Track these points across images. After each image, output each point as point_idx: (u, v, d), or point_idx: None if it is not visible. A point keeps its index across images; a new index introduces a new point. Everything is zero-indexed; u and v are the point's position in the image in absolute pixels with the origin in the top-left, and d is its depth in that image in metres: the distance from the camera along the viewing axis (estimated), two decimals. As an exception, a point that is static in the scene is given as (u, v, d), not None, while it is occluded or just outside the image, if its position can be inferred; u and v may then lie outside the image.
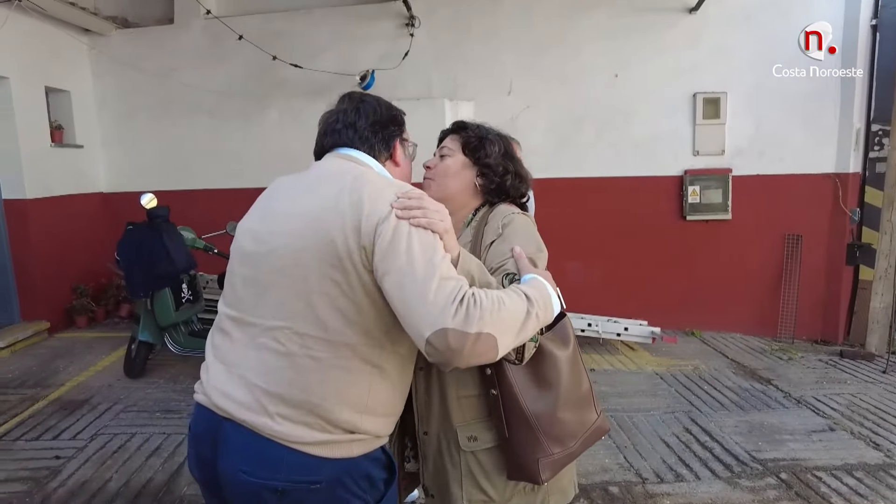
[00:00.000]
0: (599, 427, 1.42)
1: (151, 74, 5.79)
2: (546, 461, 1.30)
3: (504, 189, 1.54)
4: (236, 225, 3.98)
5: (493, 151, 1.54)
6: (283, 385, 1.16)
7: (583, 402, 1.38)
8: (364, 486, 1.22)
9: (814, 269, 5.09)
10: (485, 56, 5.33)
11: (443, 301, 1.06)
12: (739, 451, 3.16)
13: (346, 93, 1.47)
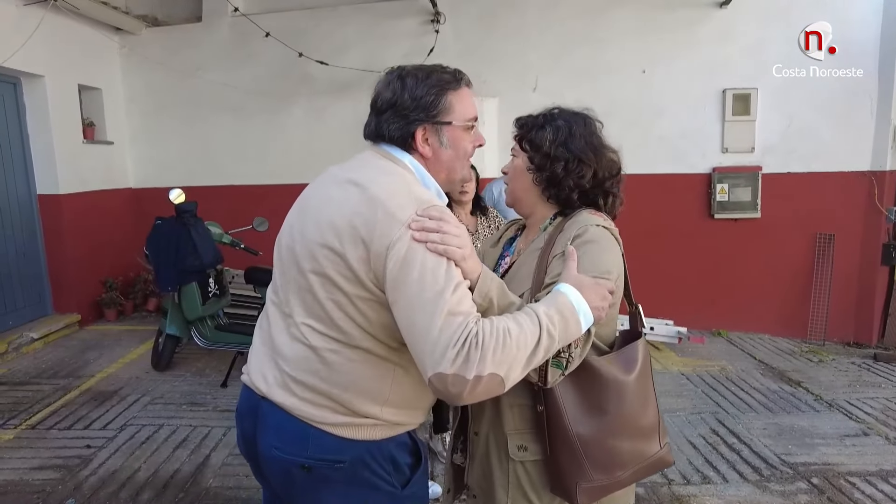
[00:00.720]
0: (661, 459, 1.32)
1: (179, 72, 5.88)
2: (586, 486, 1.23)
3: (555, 180, 1.33)
4: (263, 220, 4.02)
5: (545, 139, 1.34)
6: (308, 374, 1.19)
7: (645, 432, 1.28)
8: (388, 469, 1.23)
9: (846, 269, 4.96)
10: (510, 52, 5.30)
11: (444, 342, 1.02)
12: (769, 454, 3.09)
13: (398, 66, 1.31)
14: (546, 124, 1.37)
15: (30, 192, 5.12)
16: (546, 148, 1.34)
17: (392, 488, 1.24)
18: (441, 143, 1.27)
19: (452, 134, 1.27)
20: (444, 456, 2.98)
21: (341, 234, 1.14)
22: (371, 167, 1.25)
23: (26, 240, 5.11)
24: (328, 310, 1.16)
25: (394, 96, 1.24)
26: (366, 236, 1.11)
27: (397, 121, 1.24)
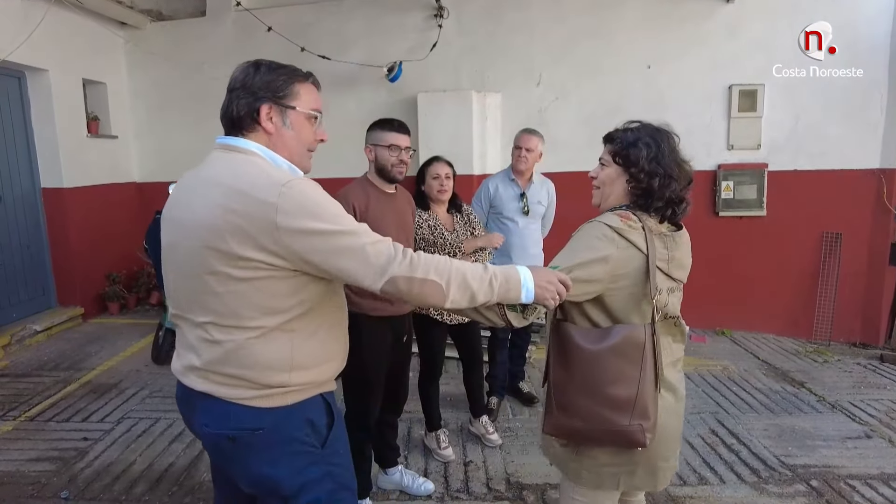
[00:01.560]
0: (628, 436, 1.46)
1: (184, 67, 5.88)
2: (550, 418, 1.54)
3: (651, 192, 1.54)
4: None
5: (640, 157, 1.54)
6: (218, 365, 1.33)
7: (609, 401, 1.46)
8: (307, 431, 1.39)
9: (853, 268, 4.88)
10: (514, 47, 5.25)
11: (385, 258, 1.29)
12: (768, 455, 3.05)
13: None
14: (637, 141, 1.55)
15: (34, 186, 5.16)
16: (643, 164, 1.53)
17: (312, 448, 1.40)
18: (284, 123, 1.39)
19: (296, 119, 1.40)
20: (437, 453, 2.97)
21: (222, 232, 1.25)
22: (223, 164, 1.35)
23: (30, 233, 5.14)
24: (227, 302, 1.29)
25: (246, 77, 1.39)
26: (248, 227, 1.24)
27: (246, 97, 1.37)
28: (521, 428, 3.36)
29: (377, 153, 2.35)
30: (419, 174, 2.91)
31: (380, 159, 2.35)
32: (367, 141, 2.36)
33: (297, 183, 1.27)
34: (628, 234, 1.49)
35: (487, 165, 5.26)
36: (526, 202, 3.46)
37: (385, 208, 2.36)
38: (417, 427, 3.27)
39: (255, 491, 1.42)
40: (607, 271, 1.48)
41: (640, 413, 1.45)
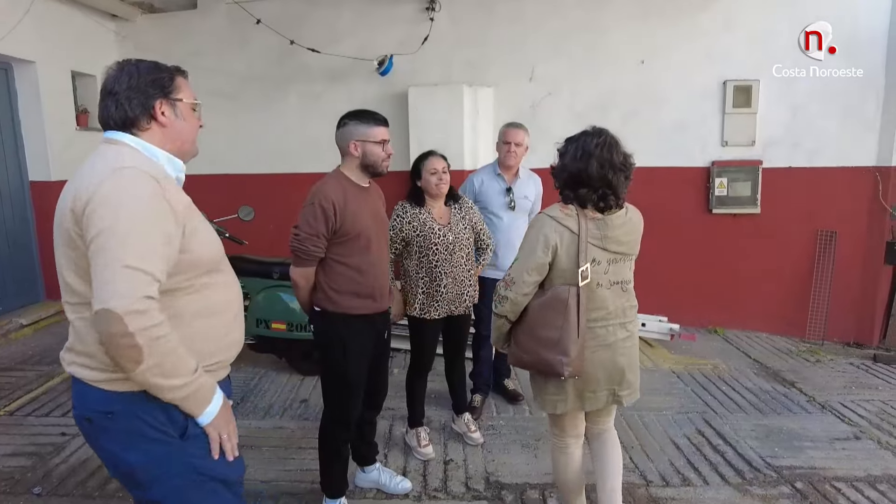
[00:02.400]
0: (552, 365, 1.95)
1: (175, 59, 5.58)
2: (510, 351, 2.12)
3: (565, 184, 2.03)
4: (248, 209, 3.97)
5: (565, 155, 2.04)
6: (75, 343, 1.40)
7: (540, 340, 1.97)
8: (161, 420, 1.37)
9: (848, 267, 4.82)
10: (506, 41, 5.19)
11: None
12: (753, 456, 3.01)
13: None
14: (569, 143, 2.06)
15: (21, 179, 5.12)
16: (562, 162, 2.05)
17: (169, 438, 1.38)
18: (175, 115, 1.49)
19: (184, 109, 1.51)
20: (417, 451, 2.94)
21: (67, 212, 1.33)
22: (89, 161, 1.43)
23: (18, 227, 5.11)
24: (70, 281, 1.37)
25: (130, 79, 1.46)
26: (76, 208, 1.30)
27: (137, 97, 1.45)
28: (505, 426, 3.31)
29: (365, 149, 2.27)
30: (413, 170, 2.87)
31: (369, 155, 2.28)
32: (351, 136, 2.26)
33: (126, 173, 1.32)
34: (563, 221, 1.95)
35: (479, 160, 5.20)
36: (512, 197, 3.40)
37: (361, 203, 2.32)
38: (399, 424, 3.23)
39: (116, 476, 1.48)
40: (548, 251, 1.94)
41: (561, 350, 1.92)
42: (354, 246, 2.28)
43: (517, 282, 1.96)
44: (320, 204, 2.18)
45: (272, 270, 3.78)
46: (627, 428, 3.28)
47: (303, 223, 2.20)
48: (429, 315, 2.82)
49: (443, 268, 2.80)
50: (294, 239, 2.21)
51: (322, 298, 2.30)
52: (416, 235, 2.77)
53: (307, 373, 3.95)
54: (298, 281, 2.29)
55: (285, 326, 3.71)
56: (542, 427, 3.26)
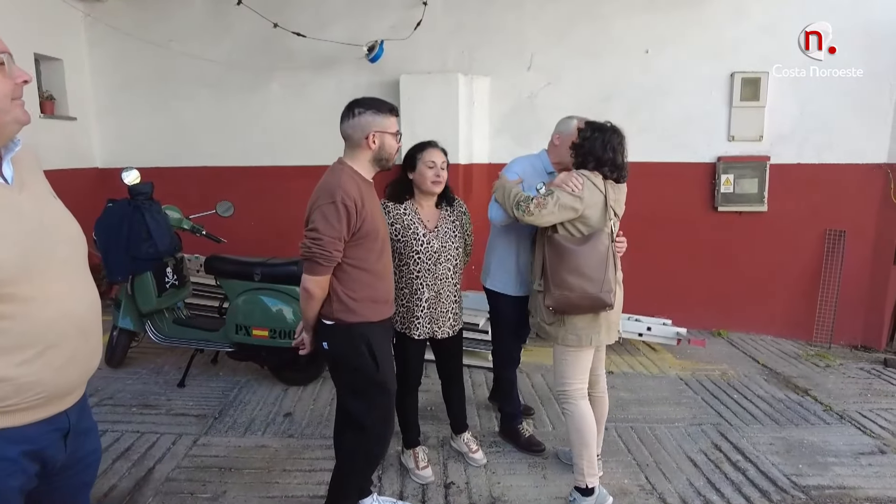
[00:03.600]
0: (600, 299, 2.29)
1: (151, 43, 5.45)
2: (549, 296, 2.34)
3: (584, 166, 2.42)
4: (227, 204, 3.65)
5: (582, 136, 2.43)
6: None
7: (585, 276, 2.28)
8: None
9: (857, 267, 4.65)
10: (504, 28, 4.91)
11: None
12: (777, 474, 2.79)
13: None
14: (588, 128, 2.42)
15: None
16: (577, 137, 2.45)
17: None
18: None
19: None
20: (415, 474, 2.67)
21: None
22: None
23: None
24: None
25: None
26: None
27: None
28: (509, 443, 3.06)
29: (384, 141, 2.03)
30: (407, 160, 2.55)
31: (386, 148, 2.05)
32: (369, 127, 1.99)
33: None
34: (595, 181, 2.34)
35: (474, 154, 4.93)
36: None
37: (373, 200, 2.07)
38: (394, 443, 2.95)
39: None
40: (580, 202, 2.31)
41: (606, 286, 2.28)
42: (372, 248, 2.05)
43: (548, 207, 2.28)
44: (343, 202, 1.91)
45: (253, 272, 3.47)
46: (640, 443, 3.05)
47: (322, 224, 1.91)
48: (409, 332, 2.53)
49: (424, 279, 2.50)
50: (313, 243, 1.92)
51: (339, 310, 2.02)
52: (396, 239, 2.47)
53: (292, 382, 3.65)
54: (314, 291, 1.99)
55: (267, 333, 3.41)
56: (548, 443, 3.01)
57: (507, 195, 2.45)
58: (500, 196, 2.51)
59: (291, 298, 3.44)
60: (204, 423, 3.19)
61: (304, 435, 3.09)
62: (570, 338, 2.38)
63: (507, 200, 2.44)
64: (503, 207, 2.49)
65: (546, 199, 2.29)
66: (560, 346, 2.44)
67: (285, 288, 3.45)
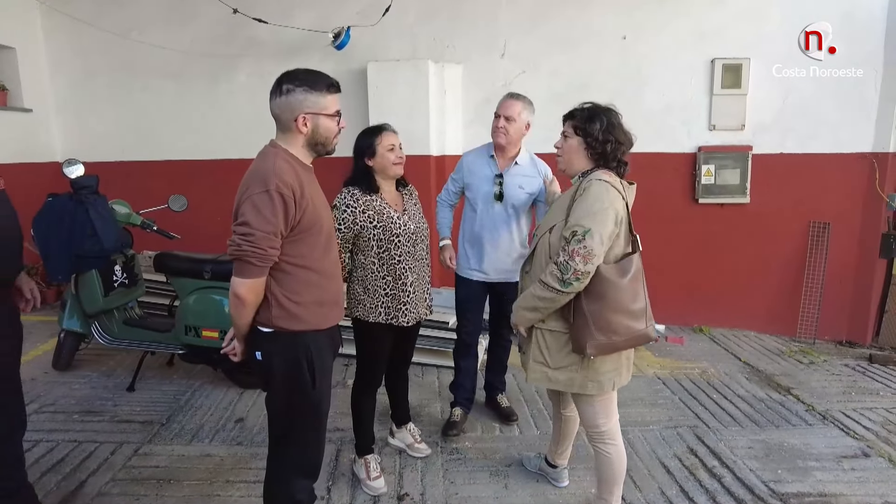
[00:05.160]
0: (645, 334, 1.95)
1: (111, 32, 5.21)
2: (592, 342, 1.88)
3: (606, 155, 1.98)
4: (180, 198, 3.43)
5: (595, 128, 1.97)
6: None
7: (633, 314, 1.91)
8: None
9: (841, 261, 4.50)
10: (477, 14, 4.72)
11: None
12: (755, 481, 2.62)
13: None
14: (594, 116, 1.98)
15: (-74, 164, 4.49)
16: (597, 134, 1.97)
17: None
18: None
19: None
20: (366, 485, 2.49)
21: None
22: None
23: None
24: None
25: None
26: None
27: None
28: (471, 448, 2.87)
29: (318, 123, 1.75)
30: (363, 146, 2.37)
31: (323, 131, 1.77)
32: (300, 107, 1.72)
33: None
34: (618, 187, 1.94)
35: (446, 145, 4.74)
36: (501, 186, 2.78)
37: (313, 187, 1.80)
38: (348, 450, 2.77)
39: None
40: (617, 222, 1.90)
41: (648, 317, 1.97)
42: (316, 243, 1.78)
43: (597, 254, 1.84)
44: (278, 190, 1.63)
45: (203, 269, 3.27)
46: (611, 448, 2.88)
47: (254, 217, 1.62)
48: (397, 321, 2.38)
49: (406, 263, 2.37)
50: (244, 240, 1.62)
51: (279, 316, 1.73)
52: (373, 226, 2.31)
53: (247, 386, 3.46)
54: (247, 297, 1.69)
55: (218, 334, 3.21)
56: (513, 450, 2.84)
57: (537, 296, 1.92)
58: (534, 303, 1.95)
59: (245, 297, 3.24)
60: (149, 431, 2.99)
61: (254, 443, 2.89)
62: (588, 385, 1.99)
63: (543, 297, 1.90)
64: (541, 310, 1.96)
65: (583, 242, 1.81)
66: (581, 398, 2.07)
67: (238, 286, 3.25)
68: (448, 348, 3.72)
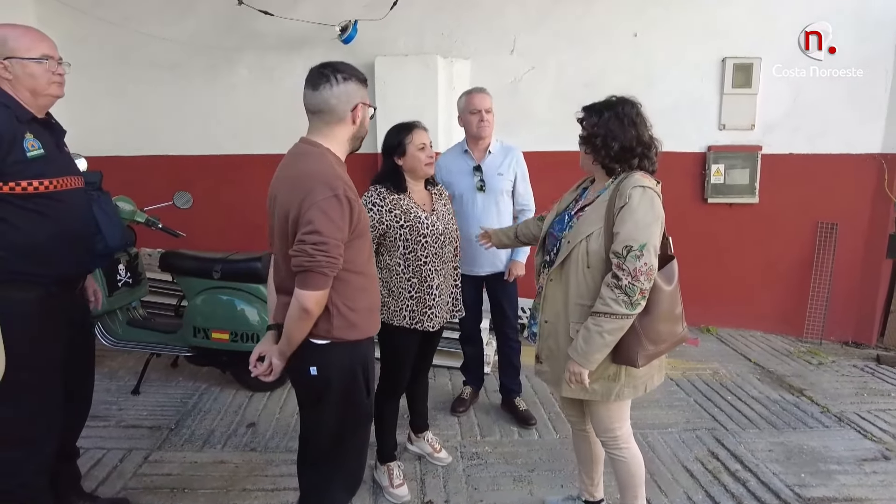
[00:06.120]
0: (683, 337, 1.94)
1: (107, 22, 5.06)
2: (643, 353, 1.81)
3: (611, 156, 1.85)
4: (185, 195, 3.33)
5: (588, 124, 1.89)
6: None
7: (676, 319, 1.88)
8: None
9: (849, 261, 4.50)
10: (486, 8, 4.64)
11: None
12: (779, 485, 2.60)
13: None
14: (588, 112, 1.92)
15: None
16: (584, 130, 1.91)
17: None
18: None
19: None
20: (390, 493, 2.42)
21: None
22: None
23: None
24: None
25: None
26: None
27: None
28: (491, 453, 2.82)
29: (366, 115, 1.72)
30: (393, 145, 2.30)
31: (365, 125, 1.73)
32: (357, 97, 1.66)
33: None
34: (657, 190, 1.85)
35: (453, 140, 4.63)
36: (482, 177, 2.95)
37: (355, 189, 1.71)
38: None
39: None
40: (662, 226, 1.82)
41: (685, 319, 1.93)
42: (363, 247, 1.70)
43: (655, 268, 1.75)
44: (346, 195, 1.54)
45: (212, 269, 3.18)
46: (632, 452, 2.84)
47: (326, 225, 1.50)
48: (422, 326, 2.31)
49: (433, 265, 2.30)
50: (318, 250, 1.50)
51: (339, 326, 1.64)
52: (399, 226, 2.24)
53: (256, 388, 3.38)
54: (314, 310, 1.56)
55: (228, 336, 3.12)
56: (534, 454, 2.79)
57: (605, 331, 1.75)
58: (604, 341, 1.77)
59: (255, 298, 3.16)
60: (158, 436, 2.90)
61: (268, 448, 2.82)
62: (625, 391, 1.91)
63: (613, 329, 1.75)
64: (611, 343, 1.79)
65: (642, 258, 1.70)
66: (608, 407, 1.97)
67: (248, 286, 3.17)
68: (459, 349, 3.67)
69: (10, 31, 1.84)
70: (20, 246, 1.79)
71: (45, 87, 1.89)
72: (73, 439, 2.21)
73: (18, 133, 1.78)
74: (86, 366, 2.20)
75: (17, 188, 1.76)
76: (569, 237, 1.90)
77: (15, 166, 1.75)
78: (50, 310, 1.89)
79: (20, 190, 1.76)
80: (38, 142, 1.84)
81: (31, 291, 1.83)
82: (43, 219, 1.82)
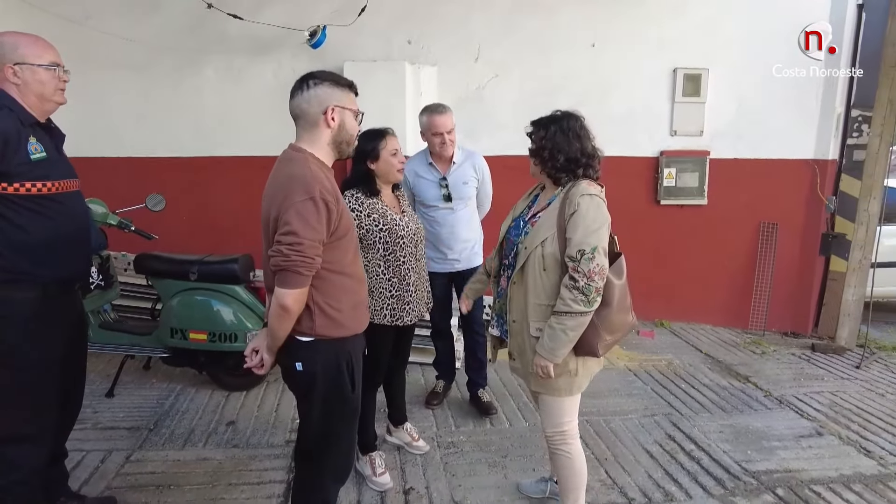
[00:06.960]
0: (633, 324, 2.11)
1: (66, 20, 4.96)
2: (602, 343, 1.98)
3: (557, 167, 2.02)
4: (158, 198, 3.36)
5: (536, 138, 2.06)
6: None
7: (627, 309, 2.04)
8: None
9: (788, 258, 4.89)
10: (452, 17, 4.80)
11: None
12: (729, 461, 2.86)
13: None
14: (534, 128, 2.08)
15: None
16: (533, 144, 2.08)
17: None
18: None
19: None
20: (372, 481, 2.55)
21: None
22: None
23: None
24: None
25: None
26: None
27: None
28: (466, 442, 2.98)
29: (344, 119, 1.74)
30: (367, 150, 2.38)
31: (347, 129, 1.77)
32: (329, 100, 1.71)
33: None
34: (603, 197, 2.01)
35: (422, 145, 4.80)
36: (448, 189, 3.07)
37: (339, 194, 1.77)
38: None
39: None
40: (608, 229, 1.98)
41: (632, 308, 2.09)
42: (348, 248, 1.78)
43: (606, 267, 1.91)
44: (322, 198, 1.61)
45: (188, 270, 3.22)
46: (597, 437, 3.05)
47: (301, 226, 1.58)
48: (401, 321, 2.44)
49: (410, 263, 2.45)
50: (292, 250, 1.58)
51: (322, 325, 1.72)
52: (379, 229, 2.36)
53: (233, 388, 3.43)
54: (294, 308, 1.65)
55: (206, 336, 3.17)
56: (506, 441, 2.97)
57: (568, 328, 1.89)
58: (568, 337, 1.91)
59: (231, 299, 3.22)
60: (137, 437, 2.93)
61: (250, 444, 2.89)
62: (583, 383, 2.07)
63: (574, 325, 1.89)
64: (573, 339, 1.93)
65: (594, 260, 1.85)
66: (560, 401, 2.07)
67: (224, 287, 3.22)
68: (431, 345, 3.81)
69: (21, 38, 1.90)
70: (23, 246, 1.83)
71: (52, 94, 1.97)
72: (62, 440, 2.23)
73: (23, 135, 1.83)
74: (80, 366, 2.23)
75: (21, 189, 1.81)
76: (525, 243, 2.02)
77: (20, 167, 1.80)
78: (50, 310, 1.93)
79: (24, 191, 1.81)
80: (41, 145, 1.89)
81: (31, 291, 1.87)
82: (45, 220, 1.87)
